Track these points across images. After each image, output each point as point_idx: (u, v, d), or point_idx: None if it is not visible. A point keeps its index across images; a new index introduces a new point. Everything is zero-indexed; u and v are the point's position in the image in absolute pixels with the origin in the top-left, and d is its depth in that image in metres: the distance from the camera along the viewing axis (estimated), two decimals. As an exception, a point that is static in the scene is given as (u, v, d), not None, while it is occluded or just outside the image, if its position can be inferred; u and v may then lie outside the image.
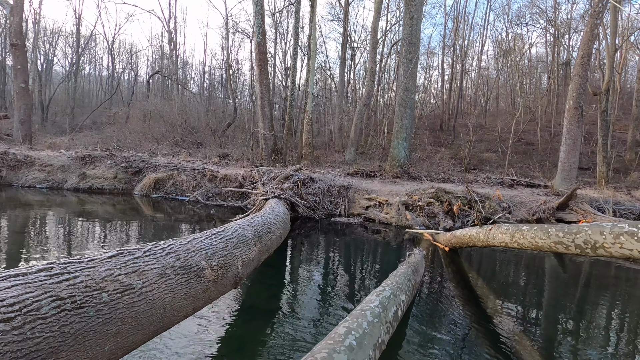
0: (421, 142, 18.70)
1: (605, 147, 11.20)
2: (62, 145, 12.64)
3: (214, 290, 1.92)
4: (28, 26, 22.66)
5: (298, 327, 2.67)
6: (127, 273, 1.37)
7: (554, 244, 2.46)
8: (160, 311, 1.44)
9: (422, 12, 11.04)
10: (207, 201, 8.22)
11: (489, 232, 3.58)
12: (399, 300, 2.50)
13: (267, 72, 12.66)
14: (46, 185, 8.87)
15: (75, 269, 1.21)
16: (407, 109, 10.70)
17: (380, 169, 11.02)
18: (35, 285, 1.04)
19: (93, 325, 1.10)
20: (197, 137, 17.59)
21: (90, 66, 31.98)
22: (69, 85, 24.39)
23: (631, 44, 20.08)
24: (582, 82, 9.03)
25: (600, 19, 9.25)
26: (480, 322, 2.98)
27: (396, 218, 7.06)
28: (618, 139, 16.39)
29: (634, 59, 22.06)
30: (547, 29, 22.67)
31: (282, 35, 26.71)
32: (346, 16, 19.86)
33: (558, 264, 5.09)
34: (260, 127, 12.49)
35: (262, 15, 12.03)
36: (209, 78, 31.08)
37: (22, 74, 13.33)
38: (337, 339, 1.63)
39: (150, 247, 1.68)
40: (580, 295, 3.89)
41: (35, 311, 0.97)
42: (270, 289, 3.51)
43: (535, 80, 26.32)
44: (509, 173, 12.46)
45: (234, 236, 2.47)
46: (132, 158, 9.70)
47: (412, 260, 3.61)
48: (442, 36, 25.75)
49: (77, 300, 1.10)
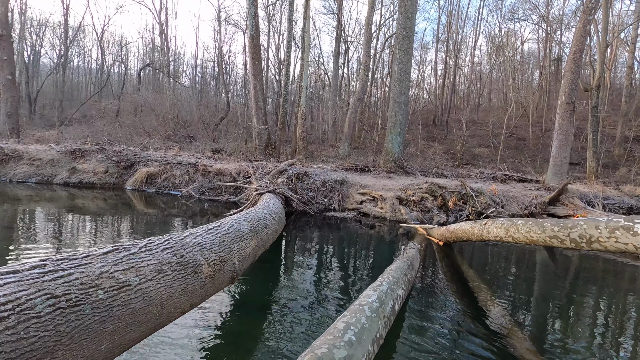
0: (414, 137, 18.75)
1: (595, 142, 11.37)
2: (50, 139, 12.38)
3: (211, 286, 1.90)
4: (14, 17, 22.04)
5: (293, 322, 2.66)
6: (123, 269, 1.34)
7: (549, 239, 2.49)
8: (158, 308, 1.42)
9: (416, 6, 11.00)
10: (201, 196, 8.15)
11: (484, 226, 3.61)
12: (395, 294, 2.51)
13: (260, 65, 12.53)
14: (35, 179, 8.70)
15: (70, 265, 1.18)
16: (401, 104, 10.69)
17: (374, 164, 11.03)
18: (29, 283, 1.00)
19: (89, 323, 1.08)
20: (189, 131, 17.39)
21: (79, 58, 31.28)
22: (57, 78, 23.84)
23: (621, 41, 20.31)
24: (574, 78, 9.12)
25: (592, 15, 9.32)
26: (475, 314, 3.02)
27: (390, 212, 7.08)
28: (607, 134, 16.64)
29: (624, 55, 22.33)
30: (540, 25, 22.83)
31: (275, 29, 26.45)
32: (340, 10, 19.71)
33: (549, 257, 5.16)
34: (254, 121, 12.38)
35: (255, 7, 11.86)
36: (201, 71, 30.68)
37: (9, 65, 12.98)
38: (337, 334, 1.62)
39: (146, 242, 1.65)
40: (570, 287, 3.96)
41: (29, 310, 0.94)
42: (265, 284, 3.50)
43: (527, 76, 26.54)
44: (501, 168, 12.58)
45: (230, 231, 2.45)
46: (124, 152, 9.55)
47: (408, 254, 3.63)
48: (436, 31, 25.74)
49: (72, 298, 1.07)
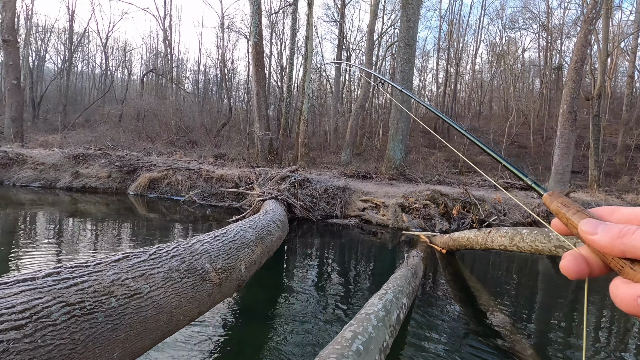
0: (416, 144, 18.80)
1: (597, 151, 11.39)
2: (54, 143, 12.44)
3: (218, 294, 1.90)
4: (20, 22, 22.28)
5: (297, 330, 2.65)
6: (134, 277, 1.34)
7: (554, 248, 2.49)
8: (167, 315, 1.42)
9: (418, 15, 11.12)
10: (203, 201, 8.16)
11: (488, 235, 3.61)
12: (400, 303, 2.51)
13: (263, 72, 12.63)
14: (38, 183, 8.72)
15: (83, 273, 1.19)
16: (402, 111, 10.74)
17: (376, 171, 11.05)
18: (45, 291, 1.01)
19: (102, 331, 1.08)
20: (191, 136, 17.46)
21: (83, 64, 31.51)
22: (61, 83, 24.00)
23: (621, 50, 20.44)
24: (575, 87, 9.17)
25: (593, 25, 9.40)
26: (478, 323, 3.00)
27: (392, 220, 7.07)
28: (609, 143, 16.67)
29: (624, 64, 22.46)
30: (540, 34, 23.00)
31: (277, 36, 26.69)
32: (342, 18, 19.92)
33: (551, 266, 5.15)
34: (256, 127, 12.44)
35: (259, 15, 11.99)
36: (204, 77, 30.87)
37: (14, 70, 13.09)
38: (344, 343, 1.62)
39: (155, 249, 1.66)
40: (572, 296, 3.94)
41: (46, 317, 0.94)
42: (269, 291, 3.49)
43: (528, 84, 26.68)
44: (502, 176, 12.58)
45: (236, 238, 2.45)
46: (127, 157, 9.59)
47: (411, 262, 3.62)
48: (437, 39, 25.93)
49: (86, 305, 1.07)
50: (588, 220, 0.36)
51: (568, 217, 0.39)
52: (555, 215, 0.42)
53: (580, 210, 0.38)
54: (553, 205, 0.42)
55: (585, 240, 0.36)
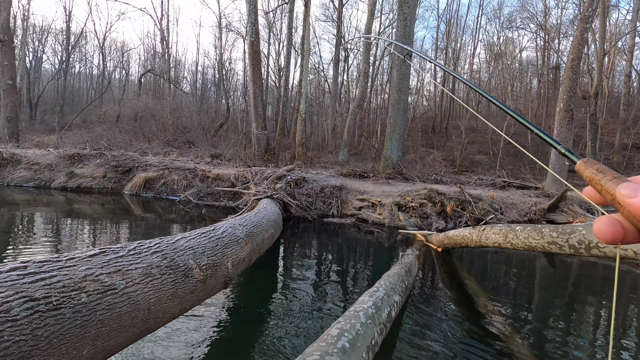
0: (414, 144, 18.78)
1: (594, 150, 11.38)
2: (50, 144, 12.38)
3: (202, 291, 1.85)
4: (16, 22, 22.22)
5: (289, 329, 2.61)
6: (109, 272, 1.30)
7: (547, 244, 2.45)
8: (145, 312, 1.37)
9: (415, 14, 11.09)
10: (199, 201, 8.11)
11: (482, 232, 3.57)
12: (392, 301, 2.46)
13: (260, 71, 12.58)
14: (33, 183, 8.66)
15: (53, 267, 1.14)
16: (400, 110, 10.72)
17: (373, 170, 11.01)
18: (6, 285, 0.96)
19: (70, 327, 1.04)
20: (189, 136, 17.41)
21: (80, 64, 31.46)
22: (58, 83, 23.96)
23: (618, 49, 20.46)
24: (572, 86, 9.15)
25: (590, 24, 9.39)
26: (473, 321, 2.96)
27: (389, 219, 7.04)
28: (606, 142, 16.67)
29: (621, 63, 22.49)
30: (538, 34, 23.03)
31: (275, 36, 26.68)
32: (340, 17, 19.90)
33: (548, 264, 5.11)
34: (253, 127, 12.40)
35: (255, 14, 11.95)
36: (202, 77, 30.83)
37: (10, 70, 13.03)
38: (330, 340, 1.58)
39: (136, 245, 1.62)
40: (569, 295, 3.90)
41: (4, 313, 0.89)
42: (262, 289, 3.44)
43: (526, 84, 26.69)
44: (500, 175, 12.56)
45: (224, 235, 2.41)
46: (122, 157, 9.53)
47: (405, 260, 3.58)
48: (435, 39, 25.95)
49: (52, 301, 1.03)
50: (627, 184, 0.36)
51: (602, 184, 0.39)
52: (588, 183, 0.42)
53: (617, 176, 0.39)
54: (587, 172, 0.42)
55: (623, 203, 0.36)
